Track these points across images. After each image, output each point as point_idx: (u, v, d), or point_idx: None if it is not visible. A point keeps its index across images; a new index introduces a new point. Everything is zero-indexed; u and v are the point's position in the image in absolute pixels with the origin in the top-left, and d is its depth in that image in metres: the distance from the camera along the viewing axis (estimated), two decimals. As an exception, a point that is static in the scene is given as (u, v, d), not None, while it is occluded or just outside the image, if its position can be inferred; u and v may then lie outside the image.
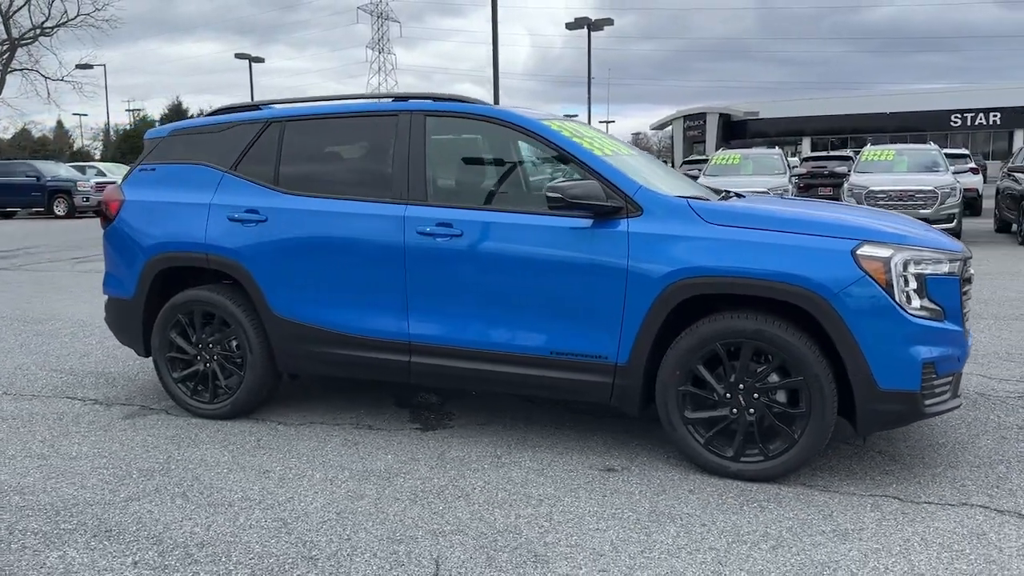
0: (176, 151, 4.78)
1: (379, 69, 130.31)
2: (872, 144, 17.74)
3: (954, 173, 14.64)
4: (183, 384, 4.68)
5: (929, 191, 12.99)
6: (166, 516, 3.35)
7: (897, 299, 3.41)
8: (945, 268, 3.54)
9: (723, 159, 17.04)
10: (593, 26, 36.91)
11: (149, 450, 4.14)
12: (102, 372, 5.73)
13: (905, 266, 3.44)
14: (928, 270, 3.49)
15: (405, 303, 4.13)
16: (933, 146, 16.16)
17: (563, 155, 4.00)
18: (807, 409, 3.51)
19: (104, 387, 5.34)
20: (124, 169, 29.41)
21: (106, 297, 4.97)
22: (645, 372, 3.75)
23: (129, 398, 5.08)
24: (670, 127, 59.11)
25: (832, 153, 25.37)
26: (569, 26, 37.08)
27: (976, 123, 48.50)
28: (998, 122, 48.19)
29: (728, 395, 3.63)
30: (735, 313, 3.60)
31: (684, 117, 54.87)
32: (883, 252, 3.44)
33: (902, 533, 3.13)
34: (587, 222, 3.83)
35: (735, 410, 3.63)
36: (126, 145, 44.08)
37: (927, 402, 3.49)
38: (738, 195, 4.53)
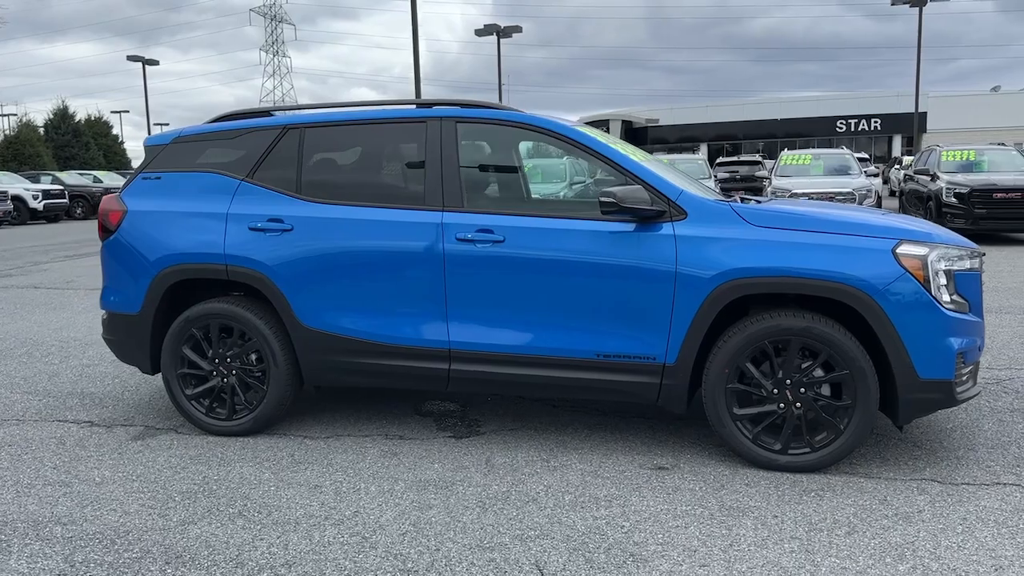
0: (182, 159, 4.59)
1: (273, 72, 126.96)
2: (787, 150, 18.63)
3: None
4: (197, 401, 4.49)
5: (848, 193, 13.75)
6: (234, 538, 3.23)
7: (934, 294, 3.64)
8: (967, 264, 3.79)
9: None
10: (502, 33, 37.23)
11: (179, 471, 3.95)
12: (82, 392, 5.42)
13: (939, 263, 3.68)
14: (955, 266, 3.74)
15: (445, 310, 4.10)
16: (846, 150, 17.10)
17: (603, 161, 4.07)
18: (853, 401, 3.70)
19: (93, 408, 5.05)
20: (15, 179, 27.66)
21: (104, 313, 4.71)
22: (692, 371, 3.86)
23: (128, 418, 4.83)
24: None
25: (743, 158, 26.44)
26: (479, 32, 37.31)
27: (859, 128, 51.49)
28: (879, 127, 51.34)
29: (775, 391, 3.78)
30: (784, 311, 3.75)
31: (587, 124, 55.59)
32: (920, 251, 3.67)
33: (956, 513, 3.34)
34: (629, 226, 3.91)
35: (782, 405, 3.78)
36: (8, 152, 41.27)
37: (958, 390, 3.74)
38: (743, 198, 4.70)
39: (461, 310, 4.08)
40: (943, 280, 3.69)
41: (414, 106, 4.50)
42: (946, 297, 3.69)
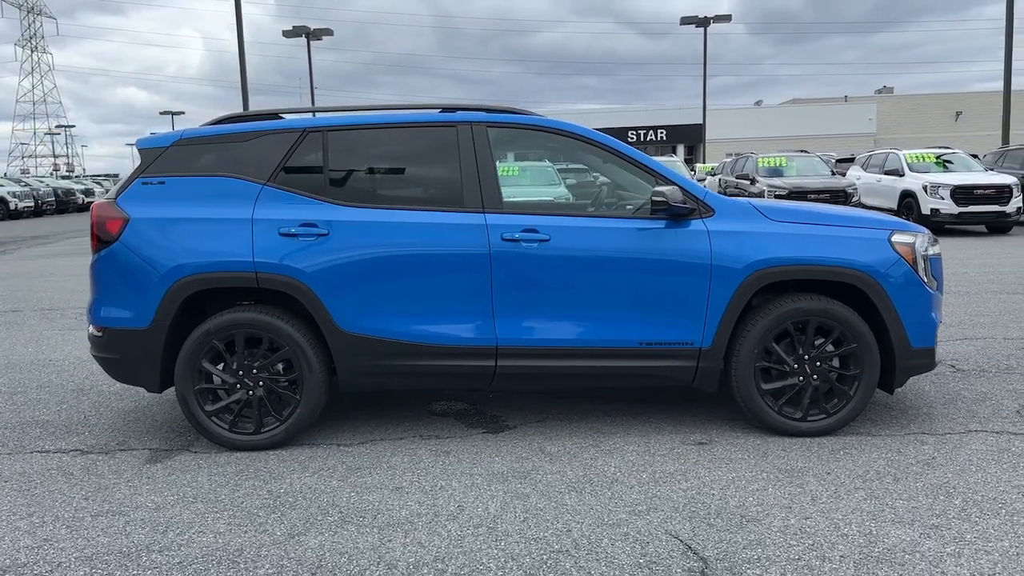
0: (187, 162, 4.35)
1: (32, 70, 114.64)
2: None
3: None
4: (218, 417, 4.28)
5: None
6: (360, 543, 3.20)
7: (920, 275, 4.31)
8: (936, 249, 4.51)
9: None
10: (312, 35, 36.37)
11: (236, 489, 3.78)
12: (35, 421, 4.92)
13: (921, 248, 4.35)
14: (929, 252, 4.43)
15: (491, 308, 4.23)
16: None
17: (635, 165, 4.39)
18: (861, 371, 4.28)
19: (66, 435, 4.62)
20: None
21: (96, 330, 4.34)
22: (725, 354, 4.27)
23: (120, 442, 4.48)
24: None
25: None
26: (287, 34, 36.18)
27: (647, 138, 55.43)
28: (664, 138, 55.57)
29: (796, 365, 4.29)
30: (804, 295, 4.26)
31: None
32: (909, 239, 4.32)
33: (960, 456, 3.99)
34: (661, 223, 4.26)
35: (802, 378, 4.29)
36: None
37: (935, 356, 4.44)
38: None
39: (508, 307, 4.23)
40: (922, 263, 4.37)
41: (438, 111, 4.56)
42: (926, 278, 4.37)
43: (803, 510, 3.42)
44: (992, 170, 17.12)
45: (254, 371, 4.25)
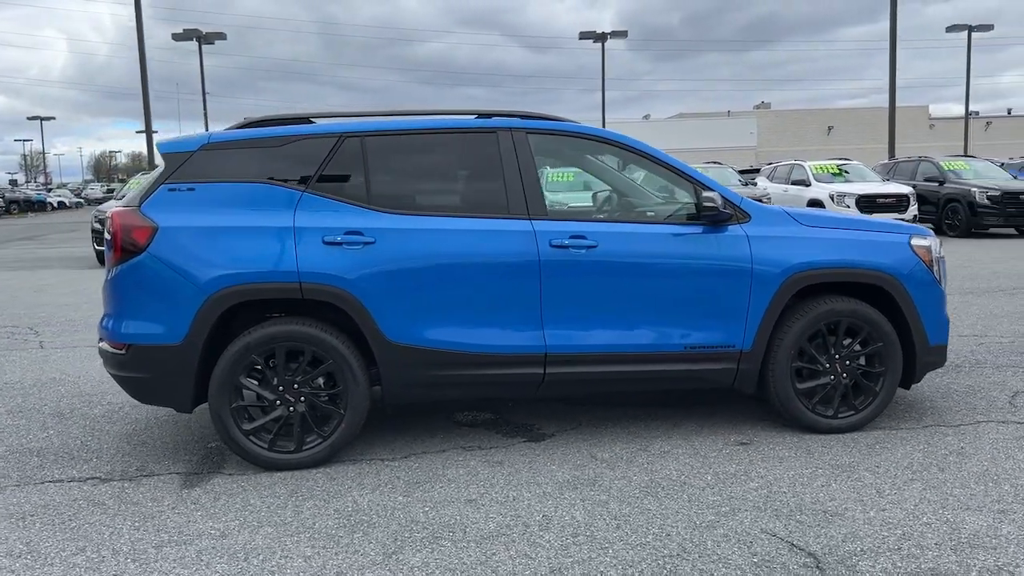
0: (217, 167, 4.11)
1: None
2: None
3: None
4: (256, 436, 4.05)
5: None
6: (464, 559, 3.10)
7: (935, 276, 4.57)
8: (943, 251, 4.80)
9: None
10: (204, 39, 35.00)
11: (299, 511, 3.60)
12: (43, 448, 4.53)
13: (935, 251, 4.62)
14: (940, 253, 4.71)
15: (540, 315, 4.20)
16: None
17: (674, 172, 4.46)
18: (886, 368, 4.49)
19: (82, 462, 4.27)
20: None
21: (117, 347, 4.03)
22: (763, 355, 4.40)
23: (144, 467, 4.18)
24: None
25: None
26: (177, 37, 34.67)
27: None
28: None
29: (828, 365, 4.46)
30: (835, 297, 4.43)
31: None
32: (925, 242, 4.58)
33: (985, 445, 4.24)
34: (699, 229, 4.36)
35: (833, 376, 4.47)
36: None
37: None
38: None
39: (556, 314, 4.21)
40: (936, 265, 4.63)
41: (473, 117, 4.50)
42: (940, 278, 4.64)
43: (875, 502, 3.56)
44: (888, 180, 18.33)
45: (295, 386, 4.05)
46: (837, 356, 4.46)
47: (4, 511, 3.65)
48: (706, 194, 4.24)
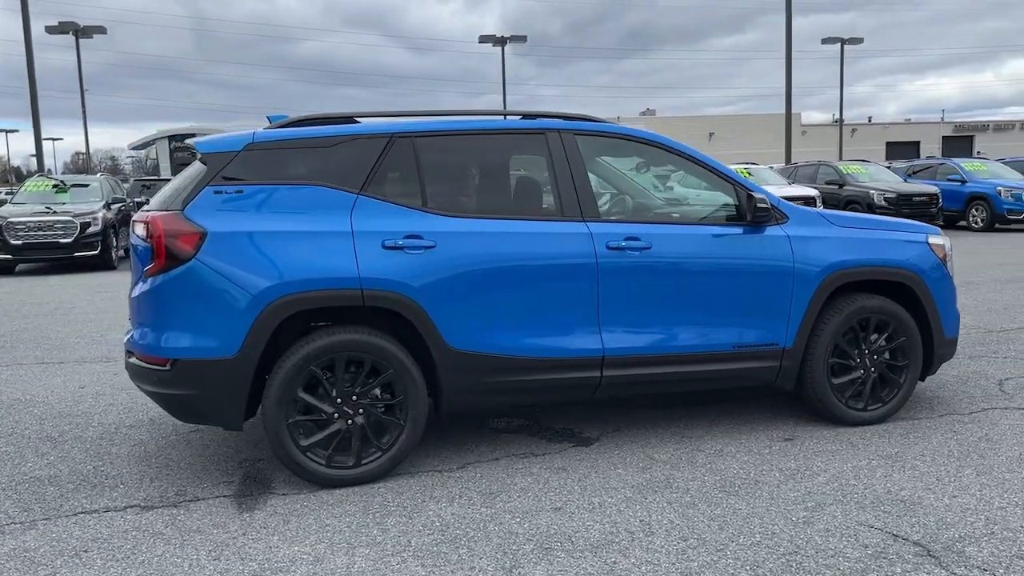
0: (265, 168, 3.87)
1: None
2: None
3: None
4: (313, 452, 3.83)
5: None
6: (590, 569, 3.03)
7: (949, 272, 4.83)
8: (951, 249, 5.07)
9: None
10: (81, 33, 32.91)
11: (382, 528, 3.42)
12: (53, 476, 4.13)
13: (948, 249, 4.88)
14: (950, 251, 4.98)
15: (597, 318, 4.16)
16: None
17: (714, 174, 4.51)
18: (909, 362, 4.71)
19: (108, 489, 3.92)
20: None
21: (161, 362, 3.72)
22: (803, 352, 4.52)
23: (183, 490, 3.88)
24: (153, 147, 55.17)
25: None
26: (50, 30, 32.44)
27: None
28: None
29: (859, 360, 4.63)
30: (866, 295, 4.61)
31: (169, 138, 51.83)
32: (940, 240, 4.83)
33: (1008, 431, 4.49)
34: (739, 229, 4.44)
35: (863, 371, 4.65)
36: None
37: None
38: None
39: (613, 316, 4.19)
40: (949, 262, 4.90)
41: (518, 118, 4.41)
42: (952, 275, 4.91)
43: (943, 489, 3.72)
44: (791, 183, 19.28)
45: (353, 398, 3.86)
46: (867, 351, 4.64)
47: (53, 548, 3.30)
48: (757, 195, 4.32)
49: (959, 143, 63.85)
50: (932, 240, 4.80)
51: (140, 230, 3.83)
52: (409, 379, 3.90)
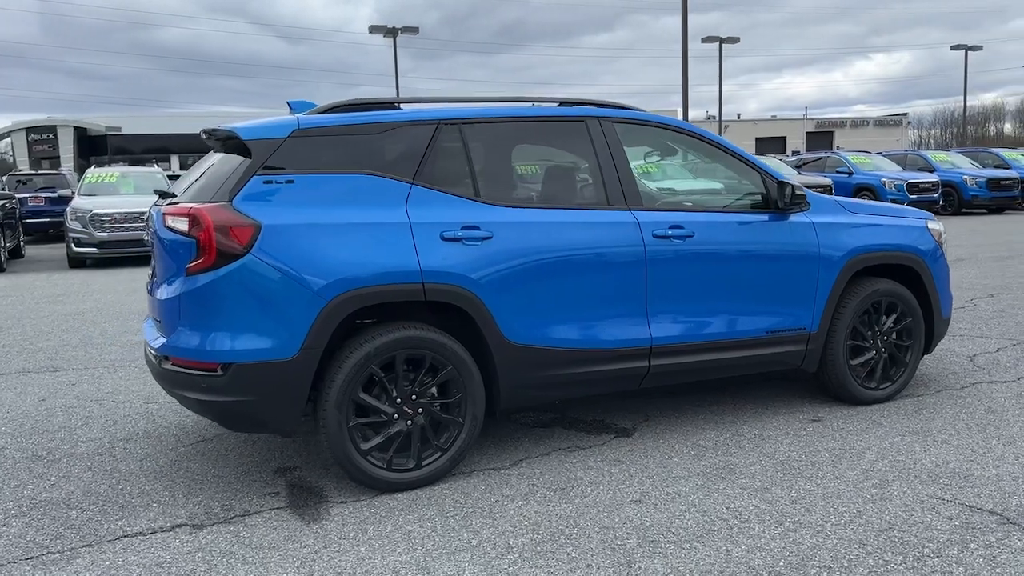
0: (313, 156, 3.61)
1: None
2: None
3: None
4: (374, 455, 3.63)
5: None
6: (711, 559, 3.01)
7: (945, 255, 5.10)
8: (945, 233, 5.34)
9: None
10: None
11: (476, 532, 3.28)
12: (64, 499, 3.73)
13: (944, 233, 5.15)
14: (944, 235, 5.25)
15: (645, 308, 4.14)
16: (158, 169, 18.09)
17: (742, 162, 4.57)
18: (915, 342, 4.94)
19: (141, 509, 3.57)
20: None
21: (202, 367, 3.41)
22: (826, 335, 4.66)
23: (229, 505, 3.59)
24: (8, 139, 51.09)
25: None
26: None
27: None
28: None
29: (872, 341, 4.82)
30: (879, 279, 4.79)
31: (27, 129, 48.19)
32: (938, 226, 5.09)
33: (1004, 402, 4.78)
34: (765, 216, 4.53)
35: (875, 352, 4.84)
36: None
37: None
38: None
39: (660, 305, 4.18)
40: (943, 245, 5.17)
41: (555, 104, 4.31)
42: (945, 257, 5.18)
43: (983, 460, 3.92)
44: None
45: (413, 397, 3.68)
46: (879, 332, 4.83)
47: (117, 576, 2.98)
48: (792, 183, 4.40)
49: (821, 138, 68.02)
50: (931, 225, 5.05)
51: (178, 224, 3.50)
52: (468, 375, 3.75)
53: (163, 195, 4.04)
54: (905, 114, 79.45)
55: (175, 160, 49.49)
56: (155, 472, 4.04)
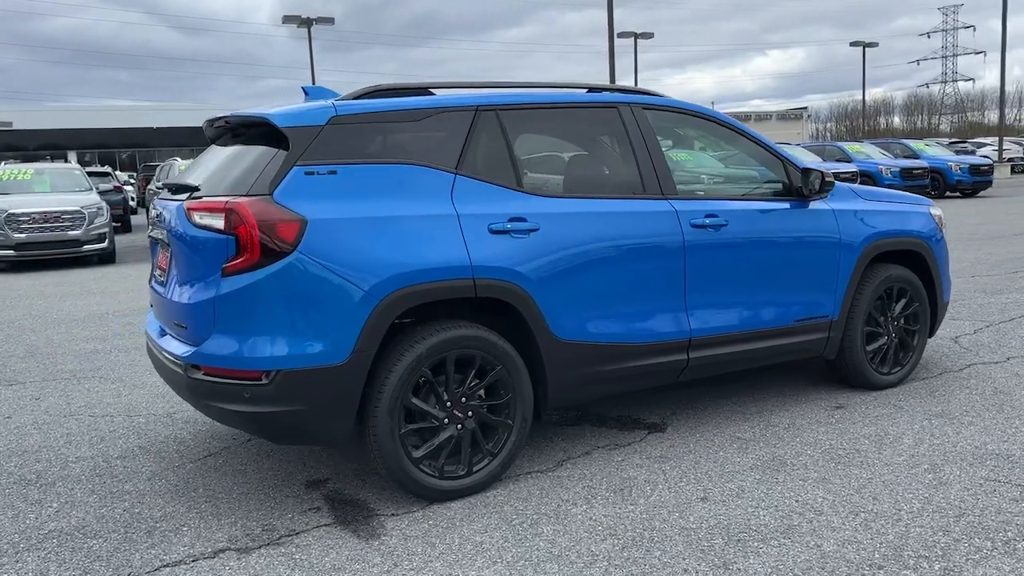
0: (352, 145, 3.35)
1: None
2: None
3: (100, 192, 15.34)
4: (425, 464, 3.41)
5: (77, 211, 13.16)
6: (800, 557, 2.93)
7: (945, 240, 5.20)
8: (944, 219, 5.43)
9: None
10: None
11: (550, 541, 3.10)
12: (78, 526, 3.35)
13: (944, 219, 5.24)
14: (944, 221, 5.34)
15: (684, 299, 4.04)
16: (75, 165, 17.13)
17: (765, 150, 4.52)
18: (922, 326, 5.02)
19: (174, 535, 3.25)
20: None
21: (245, 376, 3.12)
22: (845, 322, 4.67)
23: (270, 525, 3.30)
24: None
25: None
26: None
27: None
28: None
29: (884, 327, 4.87)
30: (891, 265, 4.83)
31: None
32: (938, 211, 5.18)
33: (1009, 381, 4.93)
34: (786, 204, 4.50)
35: (886, 337, 4.89)
36: None
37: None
38: None
39: (698, 297, 4.08)
40: (943, 230, 5.26)
41: (584, 91, 4.15)
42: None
43: (1014, 439, 3.99)
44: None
45: (463, 400, 3.47)
46: (890, 317, 4.88)
47: (176, 613, 2.67)
48: (820, 170, 4.38)
49: (728, 131, 70.09)
50: (933, 211, 5.14)
51: (210, 220, 3.18)
52: (517, 375, 3.57)
53: (175, 189, 3.69)
54: (805, 108, 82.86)
55: (72, 156, 47.00)
56: (170, 492, 3.70)
